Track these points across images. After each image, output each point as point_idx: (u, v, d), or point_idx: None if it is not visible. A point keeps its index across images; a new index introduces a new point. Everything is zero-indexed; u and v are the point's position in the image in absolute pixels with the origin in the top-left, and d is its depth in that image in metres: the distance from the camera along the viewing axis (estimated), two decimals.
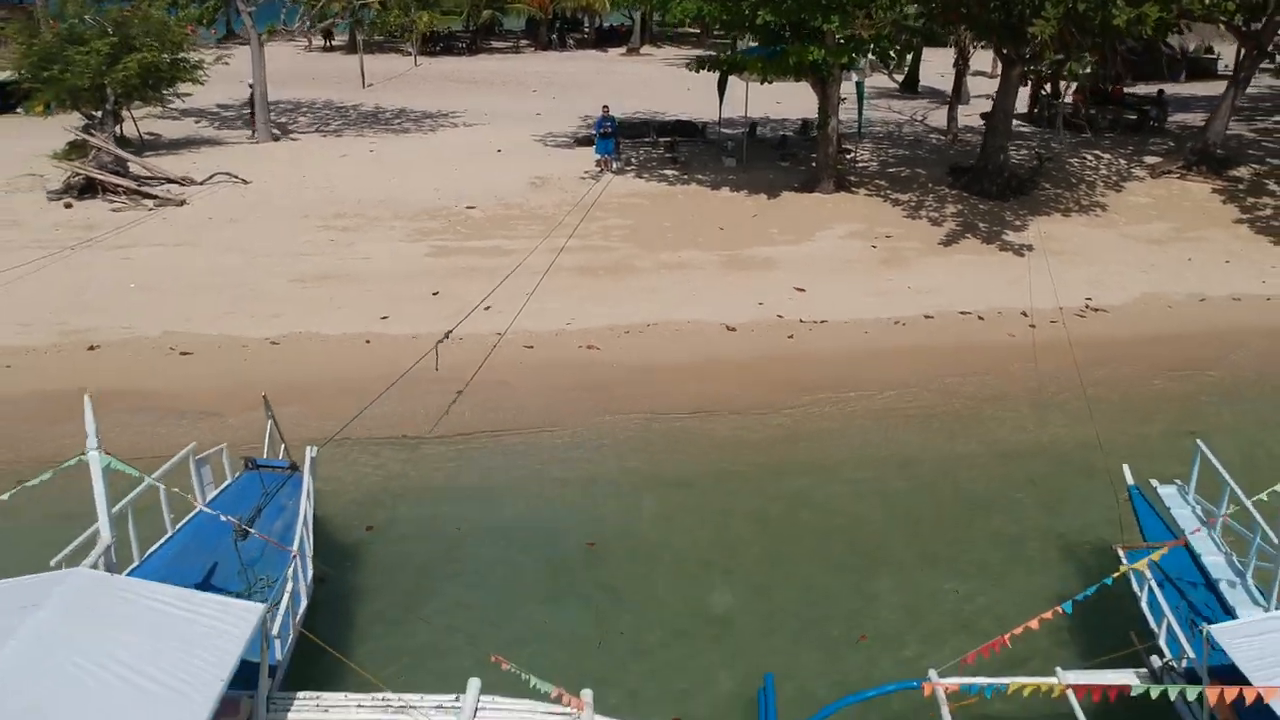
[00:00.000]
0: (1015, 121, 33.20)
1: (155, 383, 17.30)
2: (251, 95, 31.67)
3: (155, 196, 24.38)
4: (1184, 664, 9.34)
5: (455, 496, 13.99)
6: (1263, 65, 30.49)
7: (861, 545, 12.86)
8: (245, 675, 7.83)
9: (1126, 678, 9.31)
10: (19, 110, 35.25)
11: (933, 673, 9.02)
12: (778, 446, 15.65)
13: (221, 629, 7.39)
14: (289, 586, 9.17)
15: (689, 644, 10.82)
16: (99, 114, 26.14)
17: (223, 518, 9.68)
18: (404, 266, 21.78)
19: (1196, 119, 34.24)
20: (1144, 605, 10.25)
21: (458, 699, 8.33)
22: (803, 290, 21.31)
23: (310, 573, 10.20)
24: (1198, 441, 11.39)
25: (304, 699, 8.40)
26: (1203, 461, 11.17)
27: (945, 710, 8.71)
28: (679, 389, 17.41)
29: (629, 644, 10.73)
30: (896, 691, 9.17)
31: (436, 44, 57.09)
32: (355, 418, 14.31)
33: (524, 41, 62.91)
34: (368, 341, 18.62)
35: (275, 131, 31.21)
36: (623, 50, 59.73)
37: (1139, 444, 14.99)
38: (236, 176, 26.09)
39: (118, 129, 27.24)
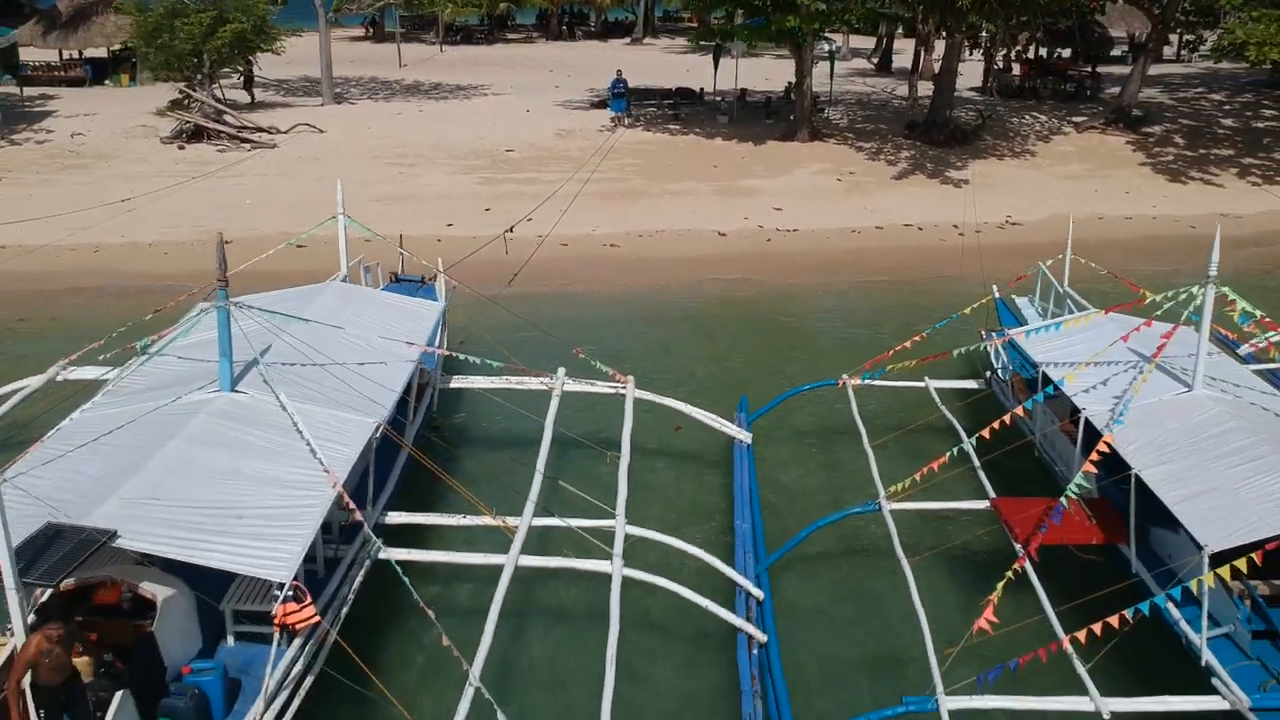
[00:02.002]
0: (970, 91, 38.77)
1: (280, 265, 22.46)
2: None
3: (251, 141, 29.78)
4: (1007, 378, 14.71)
5: (521, 326, 19.22)
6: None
7: (808, 343, 18.38)
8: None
9: (970, 384, 14.74)
10: (107, 83, 40.79)
11: (844, 375, 14.38)
12: (752, 298, 21.26)
13: (422, 311, 12.86)
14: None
15: (689, 382, 16.30)
16: (198, 77, 31.40)
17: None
18: (459, 191, 27.19)
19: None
20: (992, 359, 15.62)
21: (552, 378, 13.65)
22: (780, 209, 26.71)
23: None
24: (1040, 264, 16.73)
25: (459, 378, 13.76)
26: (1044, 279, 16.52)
27: (851, 395, 14.04)
28: (680, 270, 22.87)
29: (652, 377, 15.82)
30: (820, 388, 14.51)
31: (456, 34, 62.53)
32: (464, 258, 19.64)
33: (535, 33, 68.37)
34: (439, 240, 23.91)
35: (336, 94, 36.58)
36: (626, 40, 65.17)
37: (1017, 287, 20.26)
38: (314, 126, 31.47)
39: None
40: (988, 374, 15.01)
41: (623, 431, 12.57)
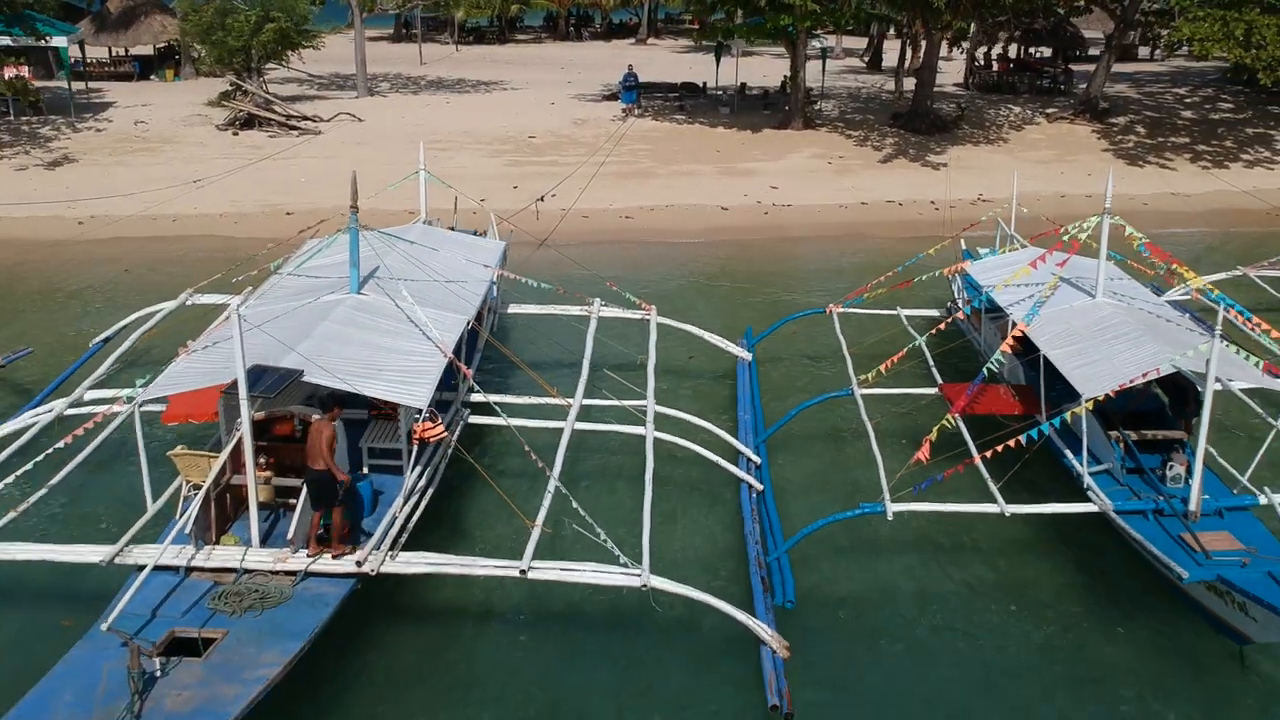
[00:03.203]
0: (954, 87, 42.02)
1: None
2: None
3: (299, 128, 32.94)
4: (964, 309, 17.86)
5: (557, 274, 22.37)
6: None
7: (799, 287, 21.54)
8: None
9: (934, 312, 17.94)
10: (153, 78, 43.98)
11: (831, 304, 17.54)
12: (752, 255, 24.59)
13: (490, 245, 16.05)
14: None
15: (705, 314, 19.46)
16: (246, 71, 34.57)
17: None
18: (489, 172, 30.35)
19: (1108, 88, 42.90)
20: (955, 293, 18.79)
21: (590, 308, 16.80)
22: (776, 188, 29.91)
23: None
24: (996, 216, 19.91)
25: (514, 305, 16.94)
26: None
27: (836, 320, 17.17)
28: (689, 235, 26.11)
29: (669, 313, 18.95)
30: (810, 315, 17.68)
31: (469, 34, 65.79)
32: (500, 222, 22.72)
33: (543, 34, 71.63)
34: (474, 213, 27.07)
35: (369, 88, 39.78)
36: (631, 41, 68.41)
37: (979, 239, 23.40)
38: (354, 116, 34.65)
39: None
40: (948, 305, 18.22)
41: (649, 344, 15.73)
